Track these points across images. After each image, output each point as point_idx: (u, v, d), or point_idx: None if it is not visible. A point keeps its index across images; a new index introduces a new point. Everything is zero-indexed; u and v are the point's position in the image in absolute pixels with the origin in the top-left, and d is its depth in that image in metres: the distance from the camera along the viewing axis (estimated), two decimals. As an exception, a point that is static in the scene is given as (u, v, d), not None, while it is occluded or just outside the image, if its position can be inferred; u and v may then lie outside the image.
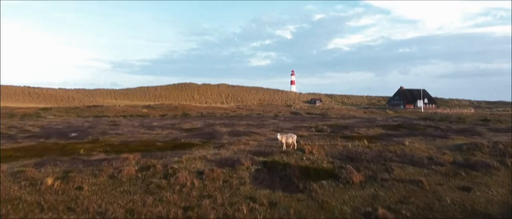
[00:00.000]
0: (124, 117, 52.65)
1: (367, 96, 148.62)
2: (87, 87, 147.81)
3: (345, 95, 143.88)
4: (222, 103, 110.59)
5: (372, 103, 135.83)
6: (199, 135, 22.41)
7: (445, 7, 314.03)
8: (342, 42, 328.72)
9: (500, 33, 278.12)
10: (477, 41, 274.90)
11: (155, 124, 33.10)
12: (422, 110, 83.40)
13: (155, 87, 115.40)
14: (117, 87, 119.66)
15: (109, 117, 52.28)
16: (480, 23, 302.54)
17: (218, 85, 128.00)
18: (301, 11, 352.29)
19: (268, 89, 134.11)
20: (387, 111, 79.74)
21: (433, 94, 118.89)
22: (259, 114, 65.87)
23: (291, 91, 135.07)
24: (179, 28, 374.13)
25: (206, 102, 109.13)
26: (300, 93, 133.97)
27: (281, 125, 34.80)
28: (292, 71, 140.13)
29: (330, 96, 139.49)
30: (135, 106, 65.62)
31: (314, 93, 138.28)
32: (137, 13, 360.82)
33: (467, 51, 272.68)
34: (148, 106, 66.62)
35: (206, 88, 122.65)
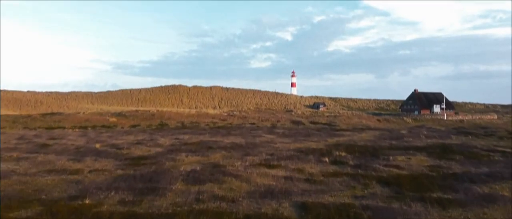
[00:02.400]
0: (84, 128, 43.79)
1: (374, 100, 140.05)
2: (84, 90, 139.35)
3: (350, 99, 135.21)
4: (214, 108, 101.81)
5: (380, 107, 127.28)
6: (138, 178, 13.60)
7: (444, 9, 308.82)
8: (342, 44, 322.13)
9: (500, 35, 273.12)
10: (477, 43, 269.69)
11: (99, 145, 24.25)
12: (444, 117, 74.63)
13: (140, 90, 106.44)
14: (98, 90, 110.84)
15: (65, 128, 43.45)
16: (480, 25, 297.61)
17: (210, 88, 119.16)
18: (301, 12, 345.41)
19: (266, 92, 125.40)
20: (404, 118, 70.99)
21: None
22: (253, 123, 57.04)
23: (291, 95, 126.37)
24: (179, 29, 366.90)
25: (196, 107, 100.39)
26: (301, 97, 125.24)
27: (279, 145, 25.98)
28: (293, 72, 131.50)
29: (334, 99, 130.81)
30: (103, 114, 56.71)
31: (316, 97, 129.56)
32: (136, 14, 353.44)
33: (468, 53, 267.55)
34: (119, 114, 57.73)
35: (197, 91, 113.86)
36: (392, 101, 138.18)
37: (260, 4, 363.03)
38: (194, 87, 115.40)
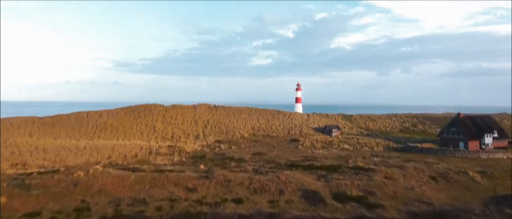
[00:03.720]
0: None
1: (396, 116, 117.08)
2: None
3: (368, 117, 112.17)
4: (197, 137, 79.01)
5: (407, 129, 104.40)
6: None
7: (444, 6, 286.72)
8: (344, 41, 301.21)
9: (502, 32, 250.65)
10: (479, 40, 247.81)
11: None
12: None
13: (100, 113, 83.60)
14: (44, 114, 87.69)
15: None
16: (481, 22, 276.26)
17: (194, 107, 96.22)
18: (303, 10, 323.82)
19: (265, 111, 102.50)
20: (470, 173, 47.76)
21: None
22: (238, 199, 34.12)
23: (296, 113, 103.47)
24: (181, 27, 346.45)
25: (172, 138, 77.58)
26: (308, 117, 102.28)
27: None
28: (298, 85, 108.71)
29: (349, 119, 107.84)
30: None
31: (327, 115, 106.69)
32: (139, 13, 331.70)
33: (469, 50, 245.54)
34: (21, 184, 34.71)
35: (176, 112, 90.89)
36: (418, 118, 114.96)
37: (262, 2, 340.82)
38: (173, 107, 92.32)
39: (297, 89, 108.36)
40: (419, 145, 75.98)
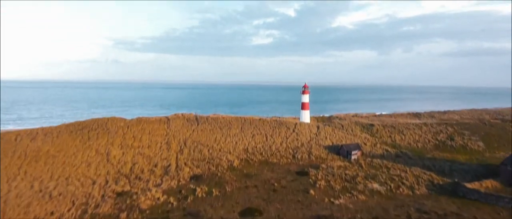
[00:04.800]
0: None
1: (427, 126, 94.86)
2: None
3: (393, 126, 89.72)
4: (166, 168, 57.02)
5: (442, 142, 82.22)
6: None
7: None
8: (346, 21, 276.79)
9: (505, 11, 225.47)
10: (481, 19, 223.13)
11: None
12: None
13: (35, 134, 61.08)
14: None
15: None
16: (484, 1, 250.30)
17: (168, 119, 73.70)
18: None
19: (263, 122, 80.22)
20: None
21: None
22: None
23: (302, 125, 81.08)
24: (180, 5, 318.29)
25: (130, 170, 55.56)
26: (318, 129, 79.86)
27: None
28: (305, 87, 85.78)
29: (370, 131, 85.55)
30: None
31: (341, 126, 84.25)
32: None
33: (471, 29, 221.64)
34: None
35: (143, 128, 68.28)
36: (451, 126, 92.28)
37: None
38: (139, 121, 69.60)
39: (303, 92, 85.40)
40: (477, 185, 54.05)
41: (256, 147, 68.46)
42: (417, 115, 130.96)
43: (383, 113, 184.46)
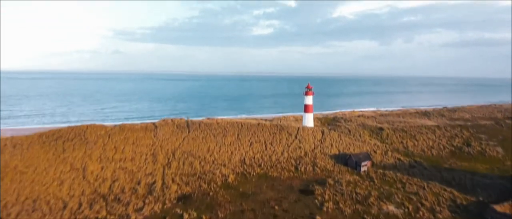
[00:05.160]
0: None
1: (440, 129, 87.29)
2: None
3: (404, 130, 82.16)
4: (150, 187, 49.87)
5: (458, 148, 74.67)
6: None
7: None
8: (346, 11, 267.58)
9: (507, 2, 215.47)
10: (482, 9, 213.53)
11: None
12: None
13: (4, 144, 53.63)
14: None
15: None
16: None
17: (155, 126, 66.24)
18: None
19: (262, 126, 72.88)
20: None
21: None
22: None
23: (305, 130, 73.65)
24: None
25: (109, 189, 48.38)
26: (323, 135, 72.50)
27: None
28: (308, 88, 78.10)
29: (379, 136, 78.23)
30: None
31: (348, 131, 76.88)
32: None
33: (472, 20, 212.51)
34: None
35: (126, 137, 60.78)
36: (466, 129, 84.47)
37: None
38: (122, 128, 62.08)
39: (306, 93, 77.62)
40: (508, 207, 46.84)
41: (254, 157, 61.17)
42: (426, 114, 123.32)
43: (389, 109, 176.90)
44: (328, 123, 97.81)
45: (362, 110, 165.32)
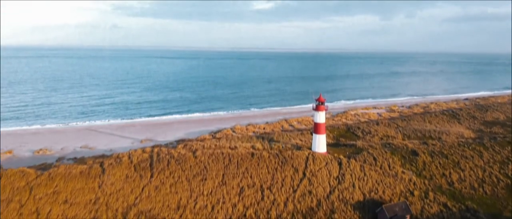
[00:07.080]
0: None
1: (484, 152, 67.74)
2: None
3: (443, 156, 62.63)
4: None
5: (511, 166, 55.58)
6: None
7: None
8: None
9: None
10: None
11: None
12: None
13: None
14: None
15: None
16: None
17: (103, 168, 46.75)
18: None
19: (259, 157, 53.62)
20: None
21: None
22: None
23: (317, 162, 54.04)
24: None
25: None
26: (340, 171, 53.00)
27: None
28: (320, 100, 58.00)
29: (413, 164, 58.90)
30: None
31: (373, 159, 57.45)
32: None
33: None
34: None
35: (57, 192, 41.42)
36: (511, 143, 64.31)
37: None
38: (52, 177, 42.28)
39: (317, 108, 57.59)
40: None
41: (245, 214, 42.17)
42: (454, 116, 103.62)
43: (404, 99, 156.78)
44: (341, 134, 78.33)
45: (374, 102, 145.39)
